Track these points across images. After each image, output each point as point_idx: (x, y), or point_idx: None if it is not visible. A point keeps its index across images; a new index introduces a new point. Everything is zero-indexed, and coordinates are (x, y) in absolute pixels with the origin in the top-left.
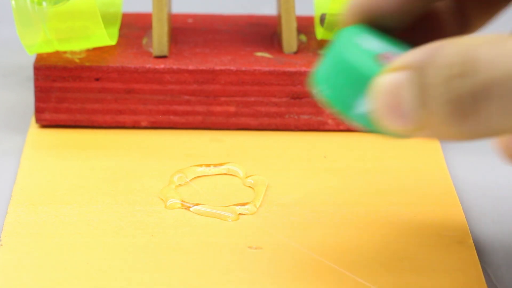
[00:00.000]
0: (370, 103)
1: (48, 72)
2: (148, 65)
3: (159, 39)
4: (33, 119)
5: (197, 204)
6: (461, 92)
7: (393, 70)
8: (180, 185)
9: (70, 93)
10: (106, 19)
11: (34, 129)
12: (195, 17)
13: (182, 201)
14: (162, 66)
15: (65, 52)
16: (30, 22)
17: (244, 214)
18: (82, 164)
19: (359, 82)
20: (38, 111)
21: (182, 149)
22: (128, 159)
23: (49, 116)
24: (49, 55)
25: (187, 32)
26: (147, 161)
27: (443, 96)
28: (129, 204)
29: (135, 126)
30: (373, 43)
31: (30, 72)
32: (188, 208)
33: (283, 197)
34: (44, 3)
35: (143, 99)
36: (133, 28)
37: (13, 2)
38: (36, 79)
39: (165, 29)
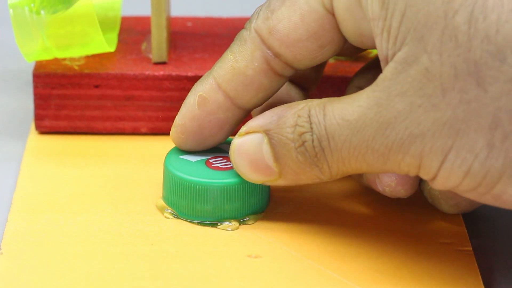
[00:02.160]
0: (233, 162)
1: (48, 80)
2: (147, 72)
3: (158, 46)
4: (32, 125)
5: None
6: (307, 145)
7: (247, 132)
8: None
9: (70, 100)
10: (105, 24)
11: (33, 136)
12: (194, 20)
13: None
14: (161, 72)
15: (64, 59)
16: (29, 30)
17: (243, 223)
18: (82, 171)
19: (201, 191)
20: (38, 118)
21: None
22: (128, 165)
23: (49, 123)
24: (48, 62)
25: (186, 36)
26: (147, 167)
27: (294, 151)
28: (129, 213)
29: (135, 133)
30: (197, 155)
31: (29, 77)
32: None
33: (282, 206)
34: (42, 12)
35: (143, 105)
36: (132, 32)
37: (11, 11)
38: (36, 87)
39: (164, 35)
